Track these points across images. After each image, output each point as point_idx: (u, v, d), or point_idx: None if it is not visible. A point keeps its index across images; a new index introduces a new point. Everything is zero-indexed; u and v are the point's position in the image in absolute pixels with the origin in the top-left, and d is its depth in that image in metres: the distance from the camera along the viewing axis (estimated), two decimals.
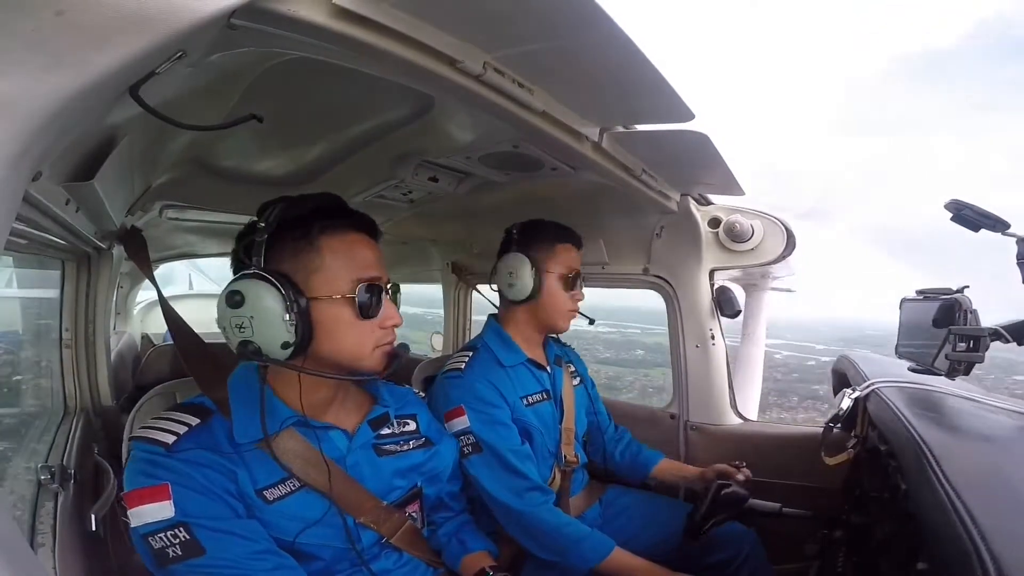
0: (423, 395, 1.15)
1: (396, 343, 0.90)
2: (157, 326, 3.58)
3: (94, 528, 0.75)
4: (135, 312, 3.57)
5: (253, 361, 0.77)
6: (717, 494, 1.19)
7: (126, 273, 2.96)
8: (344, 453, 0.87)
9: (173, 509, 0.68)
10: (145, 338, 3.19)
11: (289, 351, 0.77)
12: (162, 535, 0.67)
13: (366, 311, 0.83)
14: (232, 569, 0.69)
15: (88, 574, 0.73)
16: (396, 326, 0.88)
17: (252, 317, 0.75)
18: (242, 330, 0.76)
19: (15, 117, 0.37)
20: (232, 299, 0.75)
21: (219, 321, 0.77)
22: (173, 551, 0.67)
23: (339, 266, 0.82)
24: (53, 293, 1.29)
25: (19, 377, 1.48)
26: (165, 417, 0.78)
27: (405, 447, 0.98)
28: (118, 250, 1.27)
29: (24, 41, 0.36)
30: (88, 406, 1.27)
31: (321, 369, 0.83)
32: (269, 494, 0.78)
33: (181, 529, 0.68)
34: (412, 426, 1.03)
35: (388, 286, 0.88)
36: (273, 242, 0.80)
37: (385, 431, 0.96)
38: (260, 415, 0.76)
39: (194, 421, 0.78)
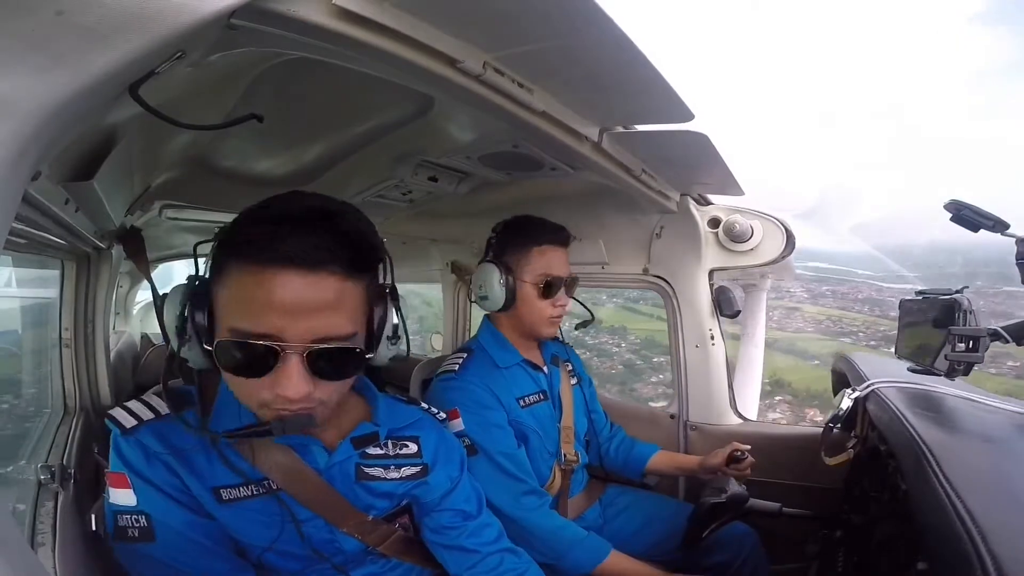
0: (441, 415, 1.03)
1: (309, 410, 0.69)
2: (157, 326, 3.57)
3: (94, 528, 0.75)
4: (135, 312, 3.57)
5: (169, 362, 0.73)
6: (713, 510, 1.18)
7: (126, 273, 2.97)
8: (321, 468, 0.82)
9: (135, 498, 0.72)
10: (144, 338, 3.18)
11: (195, 364, 0.72)
12: (127, 516, 0.71)
13: (234, 370, 0.67)
14: (176, 561, 0.71)
15: (88, 574, 0.73)
16: (287, 400, 0.66)
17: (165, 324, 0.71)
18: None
19: (14, 117, 0.37)
20: (163, 298, 0.71)
21: None
22: (132, 531, 0.71)
23: (223, 305, 0.68)
24: (52, 293, 1.29)
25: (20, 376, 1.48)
26: (141, 400, 0.79)
27: (393, 473, 0.89)
28: (118, 250, 1.27)
29: (23, 41, 0.36)
30: (88, 406, 1.27)
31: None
32: (225, 493, 0.76)
33: (142, 517, 0.71)
34: (412, 449, 0.93)
35: (307, 351, 0.66)
36: (216, 255, 0.70)
37: (373, 451, 0.88)
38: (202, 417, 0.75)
39: (164, 409, 0.77)
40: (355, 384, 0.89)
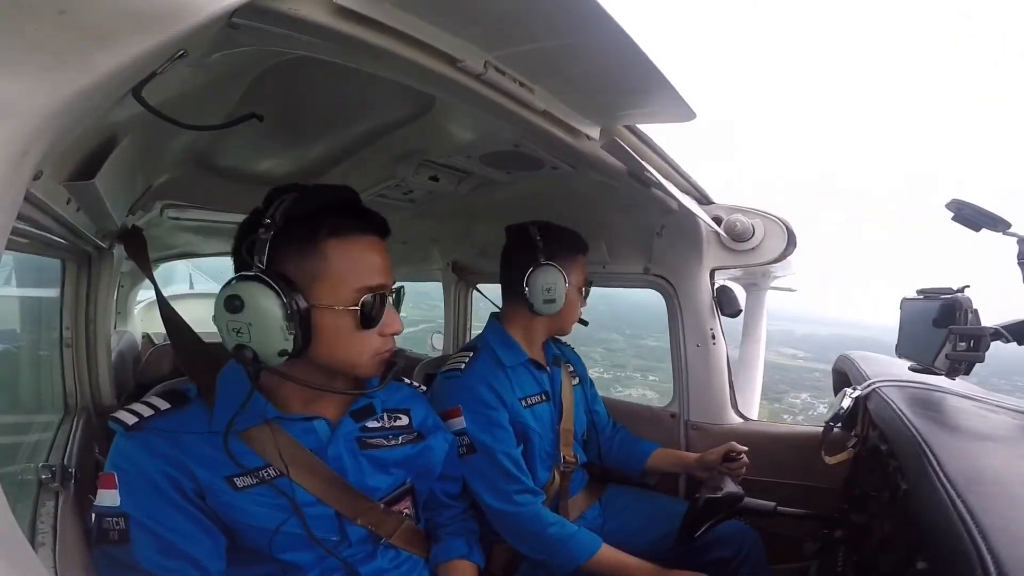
0: (423, 388, 1.14)
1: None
2: (158, 325, 3.55)
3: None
4: (136, 311, 3.57)
5: (248, 363, 0.75)
6: (708, 505, 1.18)
7: (127, 272, 2.96)
8: (325, 444, 0.86)
9: (119, 499, 0.72)
10: (146, 337, 3.18)
11: (285, 359, 0.75)
12: (110, 518, 0.72)
13: (369, 322, 0.80)
14: (147, 564, 0.71)
15: (88, 574, 0.73)
16: (396, 334, 0.86)
17: (251, 324, 0.73)
18: (239, 335, 0.73)
19: (16, 116, 0.37)
20: (231, 303, 0.73)
21: (215, 321, 0.75)
22: (112, 534, 0.72)
23: (344, 274, 0.79)
24: (54, 292, 1.29)
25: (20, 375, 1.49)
26: (142, 400, 0.81)
27: (393, 442, 0.95)
28: (119, 249, 1.27)
29: (25, 40, 0.36)
30: (89, 405, 1.27)
31: (312, 371, 0.82)
32: (239, 481, 0.78)
33: (122, 519, 0.72)
34: (404, 420, 1.00)
35: (392, 292, 0.86)
36: (278, 241, 0.76)
37: (372, 424, 0.94)
38: (240, 408, 0.77)
39: (164, 405, 0.80)
40: None
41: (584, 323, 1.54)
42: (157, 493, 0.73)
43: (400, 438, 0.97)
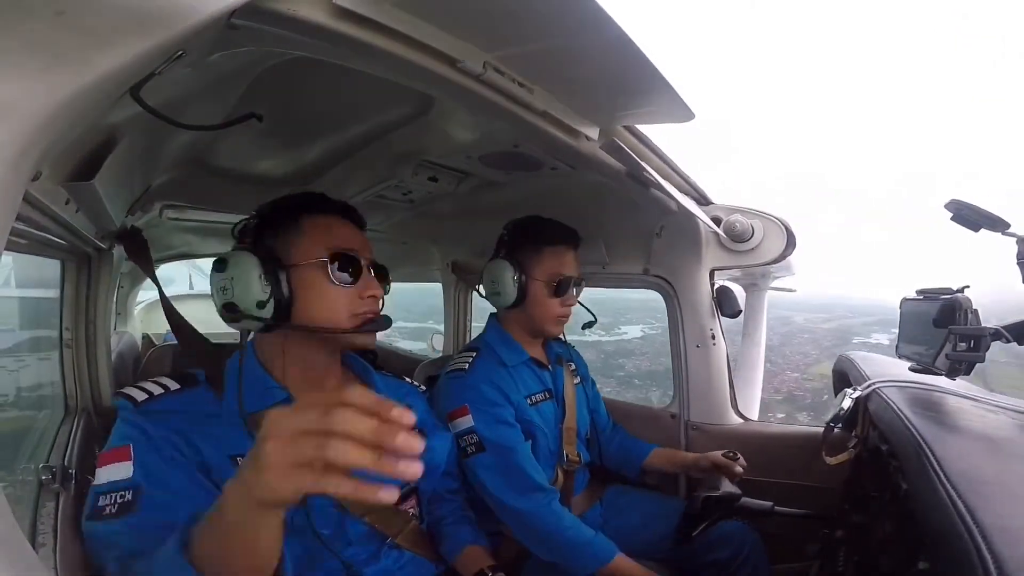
0: (422, 388, 1.16)
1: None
2: (157, 326, 3.57)
3: None
4: (136, 312, 3.57)
5: (236, 321, 0.83)
6: (706, 503, 1.18)
7: (126, 273, 2.96)
8: None
9: (132, 470, 0.70)
10: (146, 338, 3.18)
11: (266, 311, 0.81)
12: (112, 494, 0.69)
13: (339, 276, 0.87)
14: (154, 532, 0.65)
15: (89, 574, 0.73)
16: (374, 297, 0.90)
17: (232, 278, 0.82)
18: (224, 292, 0.82)
19: (15, 117, 0.37)
20: (217, 265, 0.84)
21: (211, 288, 0.86)
22: (109, 508, 0.68)
23: (316, 237, 0.87)
24: (53, 292, 1.29)
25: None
26: (152, 380, 0.82)
27: None
28: (118, 250, 1.27)
29: (24, 41, 0.36)
30: (89, 406, 1.27)
31: (302, 342, 0.88)
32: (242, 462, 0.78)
33: (130, 491, 0.69)
34: None
35: (370, 264, 0.92)
36: (264, 224, 0.89)
37: None
38: (239, 388, 0.80)
39: (174, 386, 0.82)
40: (347, 361, 1.00)
41: (590, 325, 1.54)
42: (165, 461, 0.73)
43: None
